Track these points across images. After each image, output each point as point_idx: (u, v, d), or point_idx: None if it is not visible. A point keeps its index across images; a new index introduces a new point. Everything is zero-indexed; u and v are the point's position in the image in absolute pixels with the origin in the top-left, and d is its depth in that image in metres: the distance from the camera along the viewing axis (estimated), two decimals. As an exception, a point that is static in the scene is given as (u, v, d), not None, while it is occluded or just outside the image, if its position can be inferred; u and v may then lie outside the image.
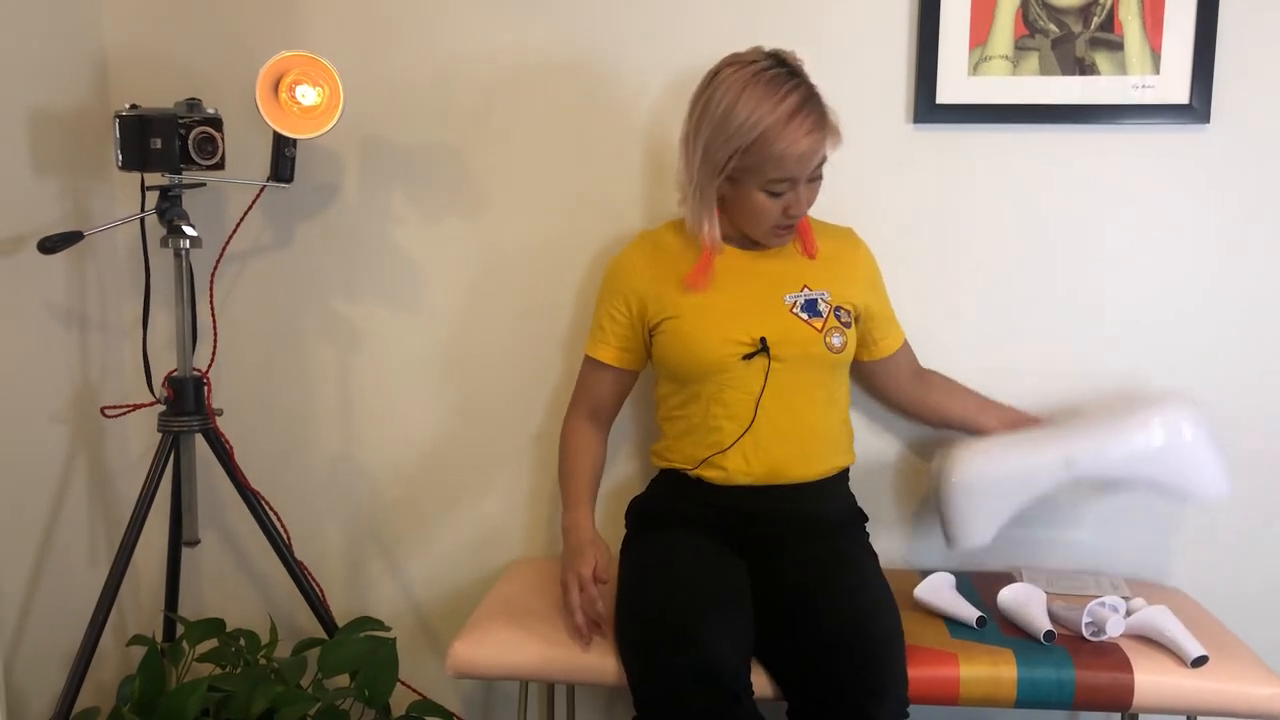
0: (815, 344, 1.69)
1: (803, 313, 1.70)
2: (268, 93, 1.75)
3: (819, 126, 1.58)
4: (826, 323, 1.70)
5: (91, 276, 2.00)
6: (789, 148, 1.57)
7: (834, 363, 1.72)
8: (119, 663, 2.11)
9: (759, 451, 1.71)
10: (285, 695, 1.68)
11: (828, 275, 1.75)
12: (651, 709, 1.48)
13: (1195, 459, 1.69)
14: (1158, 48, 1.85)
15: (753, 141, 1.57)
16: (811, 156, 1.59)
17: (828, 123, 1.60)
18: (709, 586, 1.57)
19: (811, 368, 1.71)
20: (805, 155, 1.58)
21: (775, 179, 1.60)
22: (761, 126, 1.56)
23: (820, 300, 1.71)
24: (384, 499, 2.11)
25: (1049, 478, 1.72)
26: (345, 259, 2.04)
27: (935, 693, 1.58)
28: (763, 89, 1.57)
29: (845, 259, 1.78)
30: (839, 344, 1.71)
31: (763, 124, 1.56)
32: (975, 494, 1.74)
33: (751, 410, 1.69)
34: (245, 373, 2.09)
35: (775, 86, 1.57)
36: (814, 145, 1.58)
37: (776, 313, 1.70)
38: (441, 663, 2.13)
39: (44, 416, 1.90)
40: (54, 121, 1.89)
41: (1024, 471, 1.73)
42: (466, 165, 2.00)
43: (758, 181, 1.61)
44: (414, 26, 1.97)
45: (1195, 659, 1.58)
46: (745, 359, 1.68)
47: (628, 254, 1.80)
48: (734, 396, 1.70)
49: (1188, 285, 1.92)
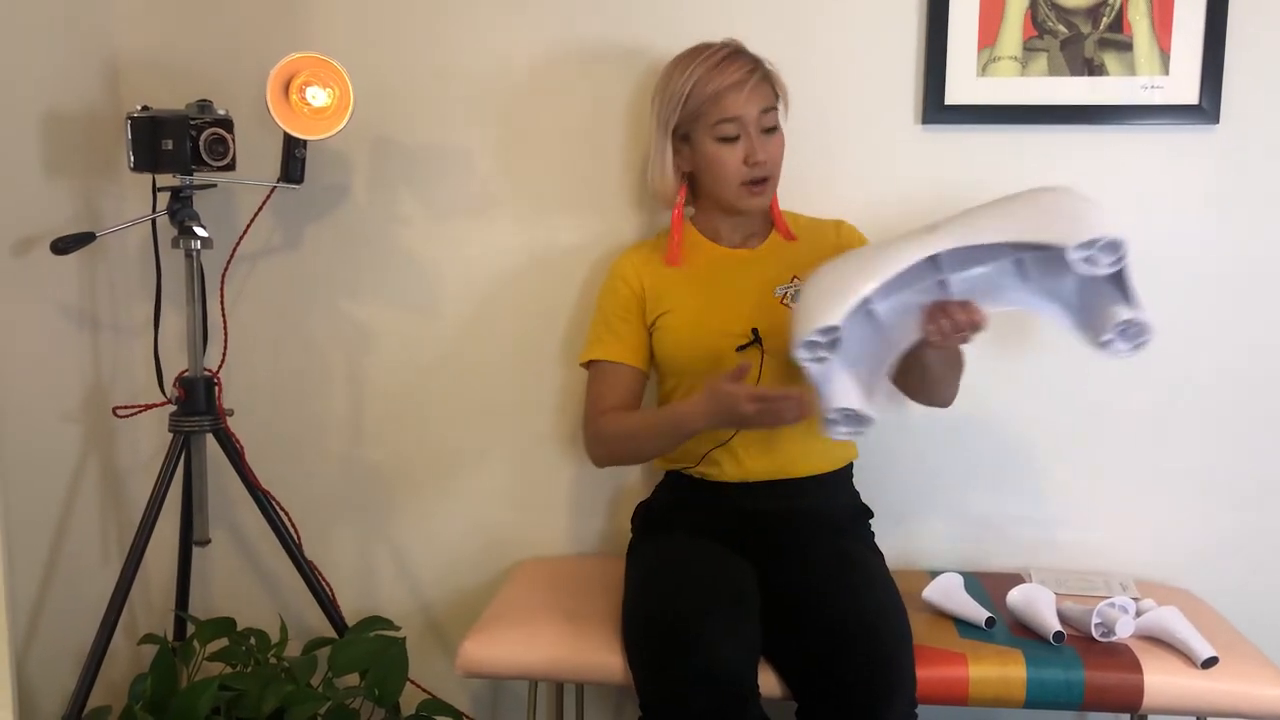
0: None
1: (793, 303, 1.70)
2: (278, 94, 1.76)
3: (751, 67, 1.68)
4: None
5: (103, 277, 2.01)
6: (722, 83, 1.65)
7: None
8: (130, 661, 2.12)
9: (759, 445, 1.71)
10: (296, 694, 1.68)
11: (816, 262, 1.70)
12: (657, 712, 1.48)
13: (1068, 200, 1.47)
14: (1167, 48, 1.85)
15: (691, 89, 1.67)
16: (749, 93, 1.66)
17: (760, 65, 1.70)
18: (714, 589, 1.57)
19: None
20: (740, 88, 1.66)
21: (720, 121, 1.67)
22: (696, 75, 1.68)
23: None
24: (393, 499, 2.11)
25: (911, 251, 1.48)
26: (355, 260, 2.05)
27: (944, 693, 1.58)
28: (698, 50, 1.71)
29: (830, 243, 1.79)
30: None
31: (696, 72, 1.68)
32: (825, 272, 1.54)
33: None
34: (256, 373, 2.10)
35: (707, 48, 1.71)
36: (745, 78, 1.66)
37: (767, 304, 1.72)
38: (451, 662, 2.13)
39: (56, 416, 1.91)
40: (66, 123, 1.90)
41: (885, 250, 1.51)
42: (475, 167, 2.01)
43: (707, 131, 1.68)
44: (424, 29, 1.98)
45: (1205, 660, 1.58)
46: (739, 350, 1.70)
47: (622, 260, 1.83)
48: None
49: (1197, 286, 1.92)
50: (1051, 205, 1.48)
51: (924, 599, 1.75)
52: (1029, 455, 1.98)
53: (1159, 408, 1.95)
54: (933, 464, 1.99)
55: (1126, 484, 1.97)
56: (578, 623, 1.71)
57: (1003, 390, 1.95)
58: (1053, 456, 1.97)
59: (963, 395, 1.95)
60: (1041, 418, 1.97)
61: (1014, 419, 1.97)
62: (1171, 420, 1.95)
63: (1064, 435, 1.97)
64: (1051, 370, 1.95)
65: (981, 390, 1.95)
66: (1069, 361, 1.95)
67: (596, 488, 2.07)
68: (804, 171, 1.86)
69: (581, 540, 2.09)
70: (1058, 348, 1.95)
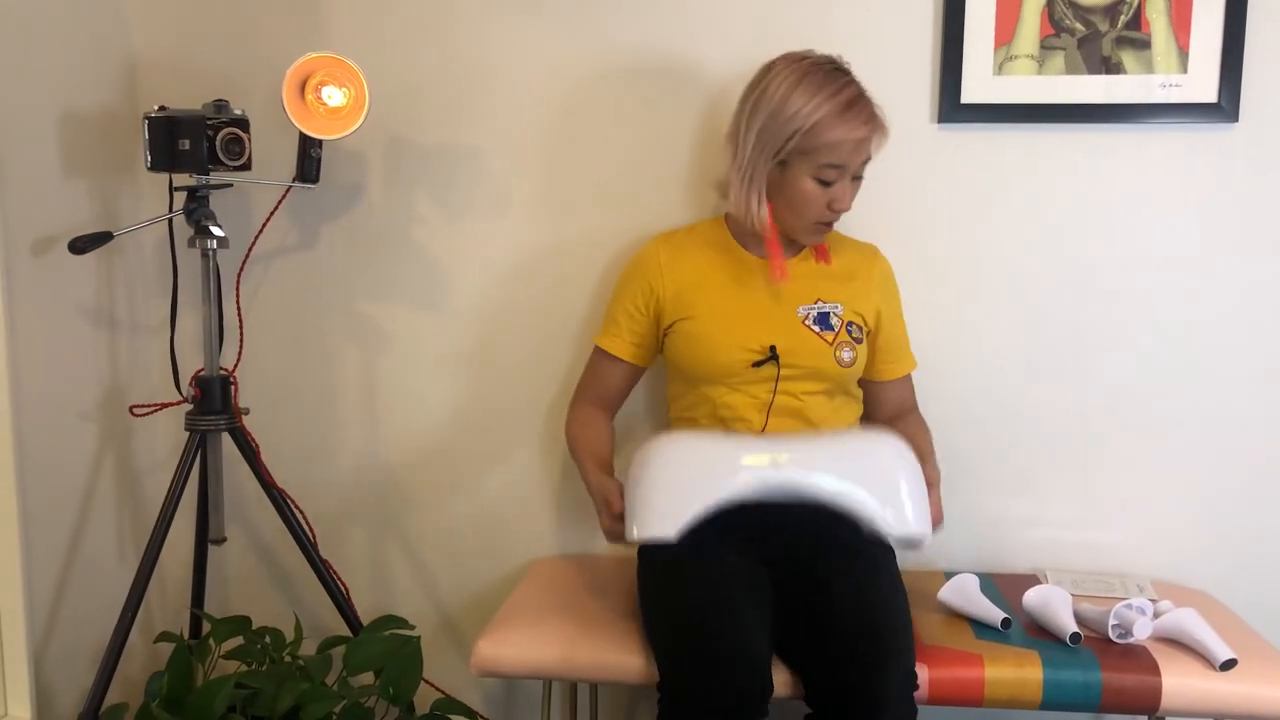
0: (825, 357, 1.71)
1: (815, 325, 1.72)
2: (294, 94, 1.76)
3: (873, 119, 1.66)
4: (838, 336, 1.72)
5: (120, 276, 2.02)
6: (846, 134, 1.62)
7: (843, 376, 1.73)
8: (146, 659, 2.13)
9: None
10: (311, 692, 1.69)
11: (843, 288, 1.76)
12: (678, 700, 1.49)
13: (901, 481, 1.55)
14: (1185, 46, 1.84)
15: (811, 126, 1.62)
16: (865, 146, 1.66)
17: (879, 119, 1.67)
18: (734, 583, 1.58)
19: (820, 380, 1.72)
20: (860, 143, 1.64)
21: (828, 164, 1.64)
22: (821, 112, 1.62)
23: (833, 314, 1.73)
24: (408, 498, 2.12)
25: (757, 477, 1.54)
26: (370, 259, 2.06)
27: (960, 694, 1.57)
28: (820, 80, 1.64)
29: (861, 272, 1.79)
30: (849, 359, 1.72)
31: (821, 110, 1.62)
32: (672, 475, 1.55)
33: (762, 417, 1.71)
34: (271, 372, 2.10)
35: (831, 80, 1.64)
36: (868, 134, 1.65)
37: (788, 323, 1.72)
38: (465, 661, 2.14)
39: (73, 415, 1.92)
40: (83, 123, 1.91)
41: (729, 461, 1.55)
42: (489, 166, 2.01)
43: (810, 167, 1.65)
44: (438, 27, 1.98)
45: (1224, 662, 1.57)
46: (754, 366, 1.70)
47: (651, 251, 1.81)
48: (742, 401, 1.71)
49: (1217, 286, 1.91)
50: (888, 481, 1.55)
51: (940, 600, 1.75)
52: (1045, 456, 1.97)
53: (1177, 409, 1.94)
54: (948, 464, 1.98)
55: (1144, 485, 1.96)
56: (592, 622, 1.71)
57: (1020, 391, 1.95)
58: (1069, 457, 1.96)
59: (979, 396, 1.96)
60: (1058, 418, 1.96)
61: (1031, 419, 1.96)
62: (1190, 421, 1.94)
63: (1081, 436, 1.96)
64: (1069, 370, 1.94)
65: (998, 391, 1.95)
66: (1087, 362, 1.94)
67: (611, 487, 2.07)
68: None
69: (596, 540, 2.09)
70: (1076, 348, 1.94)
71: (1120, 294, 1.92)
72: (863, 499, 1.54)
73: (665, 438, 1.61)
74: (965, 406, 1.96)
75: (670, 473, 1.56)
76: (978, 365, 1.95)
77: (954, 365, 1.92)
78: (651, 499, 1.55)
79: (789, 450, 1.56)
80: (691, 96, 1.94)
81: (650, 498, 1.55)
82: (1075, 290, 1.93)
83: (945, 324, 1.93)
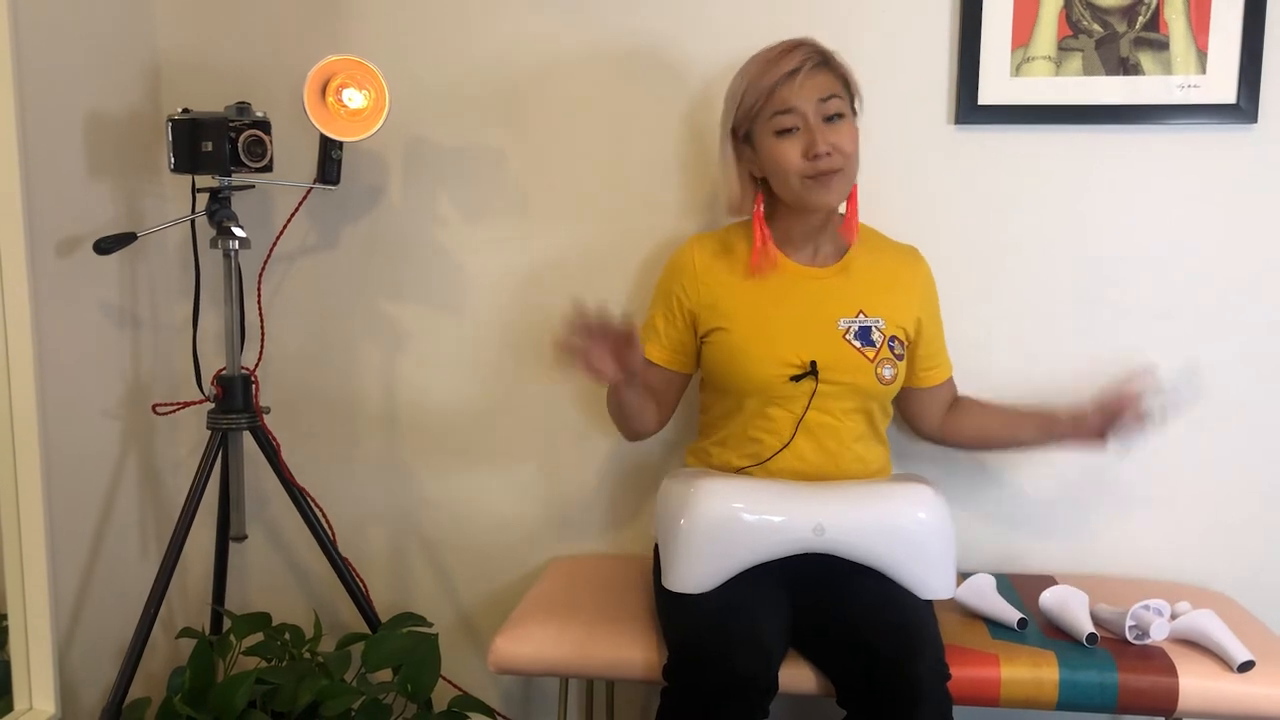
0: (866, 374, 1.68)
1: (856, 340, 1.68)
2: (315, 96, 1.78)
3: (810, 55, 1.61)
4: (879, 353, 1.68)
5: (143, 277, 2.05)
6: (776, 74, 1.60)
7: (883, 394, 1.71)
8: (168, 655, 2.16)
9: (796, 469, 1.70)
10: (330, 689, 1.70)
11: (884, 300, 1.72)
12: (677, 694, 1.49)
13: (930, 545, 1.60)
14: (1204, 47, 1.83)
15: (747, 86, 1.63)
16: (803, 80, 1.60)
17: (822, 64, 1.62)
18: (743, 587, 1.59)
19: (858, 396, 1.69)
20: (793, 77, 1.60)
21: (777, 112, 1.61)
22: (753, 69, 1.64)
23: (874, 329, 1.69)
24: (427, 497, 2.13)
25: (795, 540, 1.59)
26: (390, 260, 2.07)
27: (976, 693, 1.57)
28: (762, 52, 1.66)
29: (903, 281, 1.75)
30: (890, 376, 1.69)
31: (751, 69, 1.64)
32: (709, 541, 1.59)
33: (792, 428, 1.69)
34: (292, 371, 2.12)
35: (771, 48, 1.65)
36: (800, 65, 1.60)
37: (829, 337, 1.68)
38: (482, 659, 2.16)
39: (97, 413, 1.94)
40: (108, 125, 1.94)
41: (769, 529, 1.59)
42: (510, 167, 2.02)
43: (766, 128, 1.63)
44: (458, 29, 2.00)
45: (1242, 664, 1.56)
46: (793, 380, 1.67)
47: (685, 254, 1.76)
48: (776, 413, 1.69)
49: (1235, 287, 1.90)
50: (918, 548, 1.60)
51: (956, 600, 1.75)
52: (1063, 456, 1.96)
53: (1197, 410, 1.93)
54: (964, 464, 1.98)
55: (1162, 486, 1.95)
56: (608, 620, 1.72)
57: (1036, 391, 1.94)
58: (1087, 459, 1.96)
59: (995, 396, 1.95)
60: (1075, 419, 1.95)
61: (1047, 420, 1.96)
62: (1210, 422, 1.93)
63: (1098, 437, 1.96)
64: (1086, 369, 1.94)
65: (1014, 391, 1.95)
66: (1104, 360, 1.94)
67: (628, 487, 2.08)
68: (836, 172, 1.86)
69: (613, 539, 2.10)
70: (1093, 348, 1.94)
71: (1138, 296, 1.92)
72: (893, 563, 1.59)
73: (700, 490, 1.61)
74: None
75: (705, 538, 1.59)
76: (994, 365, 1.95)
77: (970, 365, 1.92)
78: (688, 560, 1.60)
79: (826, 516, 1.58)
80: (717, 99, 1.94)
81: (686, 559, 1.60)
82: (1094, 291, 1.93)
83: (961, 324, 1.93)
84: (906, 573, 1.60)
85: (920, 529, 1.59)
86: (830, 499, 1.60)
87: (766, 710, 1.47)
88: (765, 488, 1.63)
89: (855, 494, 1.61)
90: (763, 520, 1.59)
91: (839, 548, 1.59)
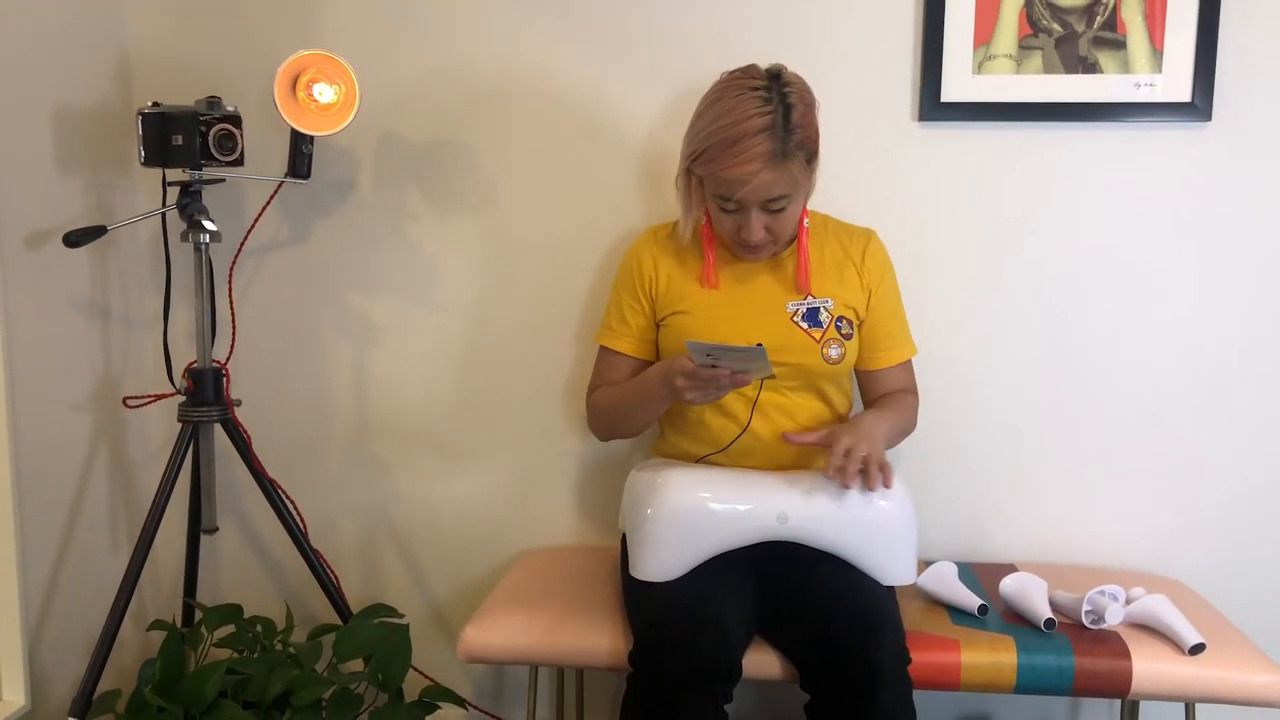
0: (812, 354, 1.71)
1: (803, 322, 1.72)
2: (286, 91, 1.79)
3: (765, 160, 1.54)
4: (826, 333, 1.72)
5: (114, 270, 2.05)
6: (726, 169, 1.56)
7: (831, 373, 1.73)
8: (139, 647, 2.16)
9: (756, 455, 1.74)
10: (301, 678, 1.71)
11: (834, 280, 1.75)
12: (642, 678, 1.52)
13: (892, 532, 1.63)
14: (1160, 46, 1.87)
15: (704, 150, 1.59)
16: (750, 187, 1.56)
17: (779, 161, 1.55)
18: (707, 575, 1.62)
19: (806, 375, 1.73)
20: (742, 183, 1.56)
21: (720, 195, 1.62)
22: (714, 139, 1.57)
23: (822, 309, 1.73)
24: (397, 489, 2.15)
25: (759, 529, 1.62)
26: (360, 254, 2.08)
27: (937, 678, 1.60)
28: (731, 103, 1.57)
29: (853, 259, 1.78)
30: (836, 355, 1.72)
31: (715, 137, 1.57)
32: (675, 530, 1.62)
33: (748, 411, 1.72)
34: (263, 364, 2.13)
35: (742, 105, 1.56)
36: (749, 176, 1.55)
37: (777, 319, 1.72)
38: (453, 650, 2.17)
39: (67, 407, 1.94)
40: (78, 118, 1.94)
41: (735, 518, 1.62)
42: (479, 162, 2.04)
43: (711, 189, 1.63)
44: (428, 27, 2.01)
45: (1193, 646, 1.60)
46: None
47: (641, 246, 1.82)
48: (729, 397, 1.72)
49: (1190, 282, 1.94)
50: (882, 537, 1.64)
51: (918, 586, 1.78)
52: (1023, 448, 2.00)
53: (1151, 400, 1.98)
54: (927, 454, 2.01)
55: (1118, 474, 2.00)
56: (578, 608, 1.74)
57: (998, 386, 1.98)
58: (1047, 449, 2.00)
59: (956, 387, 1.99)
60: (1036, 412, 1.99)
61: (1007, 410, 2.00)
62: (1163, 412, 1.98)
63: (1056, 426, 1.99)
64: (1046, 365, 1.98)
65: (975, 386, 1.98)
66: (1062, 353, 1.98)
67: (598, 479, 2.10)
68: (802, 167, 1.89)
69: (583, 531, 2.12)
70: (1053, 343, 1.98)
71: (1096, 290, 1.96)
72: (855, 550, 1.63)
73: (666, 481, 1.65)
74: (942, 400, 1.99)
75: (672, 526, 1.62)
76: (957, 360, 1.98)
77: (934, 360, 1.95)
78: (655, 549, 1.63)
79: (789, 505, 1.61)
80: (684, 94, 1.96)
81: (653, 547, 1.63)
82: (1052, 286, 1.96)
83: (926, 320, 1.96)
84: (869, 560, 1.63)
85: (882, 517, 1.62)
86: (794, 488, 1.63)
87: (730, 695, 1.50)
88: (730, 477, 1.66)
89: (819, 483, 1.64)
90: (728, 509, 1.62)
91: (802, 535, 1.62)
